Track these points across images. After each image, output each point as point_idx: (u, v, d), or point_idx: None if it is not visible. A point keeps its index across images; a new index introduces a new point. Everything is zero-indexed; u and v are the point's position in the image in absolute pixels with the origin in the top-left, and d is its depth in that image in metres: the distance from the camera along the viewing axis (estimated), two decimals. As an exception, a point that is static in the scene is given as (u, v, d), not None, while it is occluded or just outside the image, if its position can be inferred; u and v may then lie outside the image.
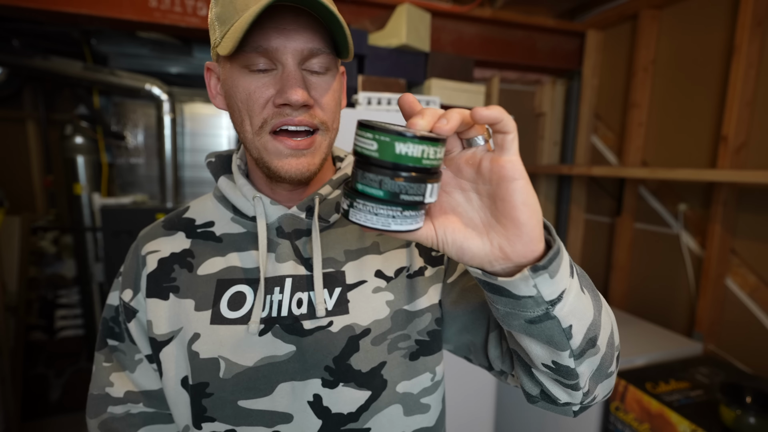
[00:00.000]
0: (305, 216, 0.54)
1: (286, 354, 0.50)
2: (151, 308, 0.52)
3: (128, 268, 0.56)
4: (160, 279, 0.53)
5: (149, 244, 0.56)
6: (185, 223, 0.57)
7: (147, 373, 0.55)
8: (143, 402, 0.55)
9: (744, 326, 1.51)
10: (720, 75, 1.59)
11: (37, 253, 2.16)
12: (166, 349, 0.52)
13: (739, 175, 1.34)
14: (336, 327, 0.51)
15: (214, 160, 0.58)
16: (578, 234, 2.29)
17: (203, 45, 2.08)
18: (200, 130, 2.27)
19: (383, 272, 0.55)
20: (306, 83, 0.47)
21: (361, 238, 0.56)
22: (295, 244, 0.53)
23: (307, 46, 0.46)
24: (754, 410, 1.07)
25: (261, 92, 0.46)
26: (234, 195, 0.54)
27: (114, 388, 0.54)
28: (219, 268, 0.53)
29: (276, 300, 0.51)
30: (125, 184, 2.21)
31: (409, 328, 0.54)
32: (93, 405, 0.55)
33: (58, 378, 2.25)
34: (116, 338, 0.56)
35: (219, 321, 0.50)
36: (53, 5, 1.47)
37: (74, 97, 2.11)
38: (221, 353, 0.50)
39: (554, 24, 2.07)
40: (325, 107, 0.49)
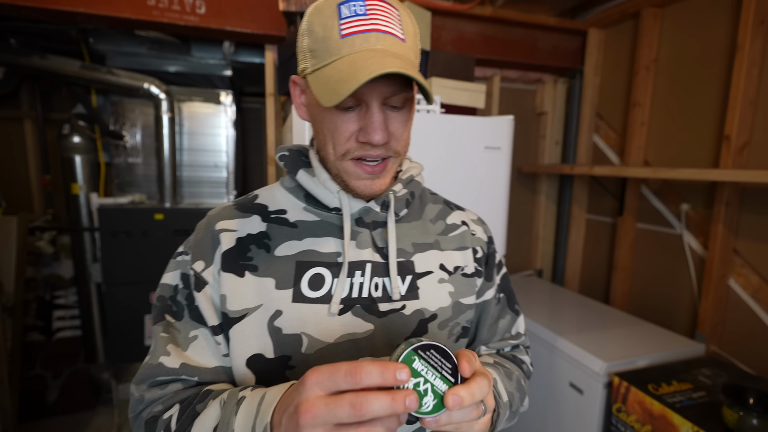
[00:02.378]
0: (380, 209, 0.60)
1: (366, 332, 0.55)
2: (226, 283, 0.55)
3: (199, 242, 0.58)
4: (237, 257, 0.56)
5: (223, 222, 0.59)
6: (259, 208, 0.61)
7: (201, 350, 0.56)
8: (198, 376, 0.55)
9: (747, 327, 1.50)
10: (722, 74, 1.58)
11: (35, 254, 2.15)
12: (237, 326, 0.54)
13: (741, 174, 1.34)
14: (408, 310, 0.58)
15: (288, 154, 0.63)
16: (580, 234, 2.28)
17: (201, 44, 2.07)
18: (198, 130, 2.26)
19: (445, 266, 0.62)
20: (385, 118, 0.52)
21: (425, 234, 0.63)
22: (372, 233, 0.59)
23: (389, 89, 0.50)
24: (757, 412, 1.06)
25: (346, 127, 0.52)
26: (316, 188, 0.58)
27: (170, 358, 0.55)
28: (297, 251, 0.57)
29: (357, 282, 0.56)
30: (123, 183, 2.20)
31: (461, 317, 0.63)
32: (145, 372, 0.55)
33: (55, 379, 2.24)
34: (173, 316, 0.58)
35: (301, 299, 0.55)
36: (51, 4, 1.46)
37: (72, 96, 2.10)
38: (304, 329, 0.54)
39: (555, 22, 2.06)
40: (399, 138, 0.54)
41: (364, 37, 0.48)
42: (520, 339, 0.73)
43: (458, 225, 0.67)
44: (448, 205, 0.71)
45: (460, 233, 0.66)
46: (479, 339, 0.70)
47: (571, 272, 2.33)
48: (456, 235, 0.66)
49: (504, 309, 0.72)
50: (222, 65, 2.15)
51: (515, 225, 2.41)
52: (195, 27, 1.63)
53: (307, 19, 0.52)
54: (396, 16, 0.51)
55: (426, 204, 0.67)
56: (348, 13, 0.49)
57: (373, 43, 0.48)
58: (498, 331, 0.71)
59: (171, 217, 2.04)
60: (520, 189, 2.43)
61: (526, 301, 1.96)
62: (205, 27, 1.63)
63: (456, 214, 0.69)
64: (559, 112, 2.37)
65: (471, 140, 1.35)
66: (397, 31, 0.50)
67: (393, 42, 0.49)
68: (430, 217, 0.66)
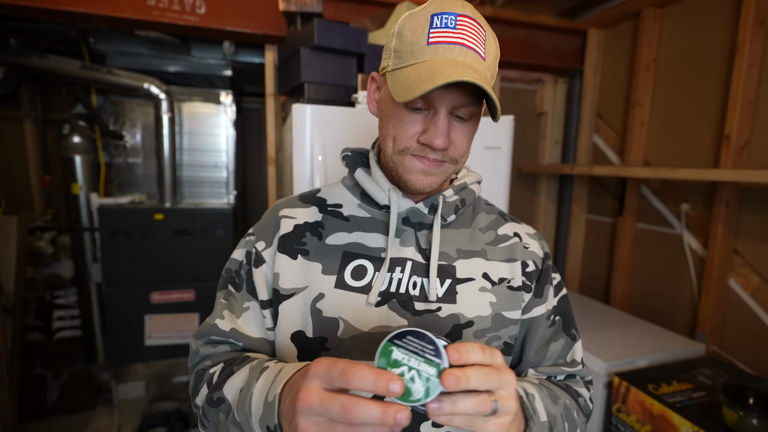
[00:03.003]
0: (428, 212, 0.62)
1: (399, 327, 0.56)
2: (280, 263, 0.61)
3: (264, 226, 0.65)
4: (292, 241, 0.62)
5: (286, 209, 0.65)
6: (318, 201, 0.66)
7: (250, 321, 0.62)
8: (243, 342, 0.62)
9: (747, 327, 1.50)
10: (722, 74, 1.58)
11: (35, 254, 2.15)
12: (286, 303, 0.59)
13: (741, 174, 1.34)
14: (444, 313, 0.58)
15: (350, 155, 0.67)
16: (580, 234, 2.28)
17: (202, 44, 2.07)
18: (198, 130, 2.26)
19: (489, 276, 0.62)
20: (450, 127, 0.54)
21: (472, 242, 0.64)
22: (417, 234, 0.62)
23: (459, 100, 0.53)
24: (757, 412, 1.06)
25: (412, 126, 0.55)
26: (370, 185, 0.62)
27: (224, 321, 0.62)
28: (345, 242, 0.61)
29: (396, 278, 0.58)
30: (123, 183, 2.20)
31: (502, 331, 0.61)
32: (202, 329, 0.63)
33: (55, 379, 2.24)
34: (235, 287, 0.64)
35: (342, 286, 0.58)
36: (51, 3, 1.46)
37: (72, 96, 2.10)
38: (342, 315, 0.57)
39: (555, 22, 2.06)
40: (459, 148, 0.56)
41: (448, 48, 0.51)
42: (577, 367, 0.65)
43: (510, 236, 0.66)
44: (503, 216, 0.70)
45: (510, 245, 0.65)
46: (526, 360, 0.64)
47: (571, 272, 2.33)
48: (506, 246, 0.64)
49: (558, 332, 0.65)
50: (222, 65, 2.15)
51: (515, 225, 2.41)
52: (195, 27, 1.63)
53: (400, 23, 0.55)
54: (482, 36, 0.53)
55: (479, 213, 0.68)
56: (439, 23, 0.52)
57: (455, 54, 0.51)
58: (549, 355, 0.64)
59: (171, 217, 2.04)
60: (520, 189, 2.43)
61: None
62: (205, 27, 1.63)
63: (509, 226, 0.68)
64: (559, 112, 2.37)
65: (471, 140, 1.35)
66: (480, 49, 0.52)
67: (474, 58, 0.52)
68: (481, 226, 0.66)
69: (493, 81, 0.56)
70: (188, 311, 2.10)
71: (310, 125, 1.20)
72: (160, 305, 2.05)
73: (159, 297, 2.05)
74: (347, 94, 1.39)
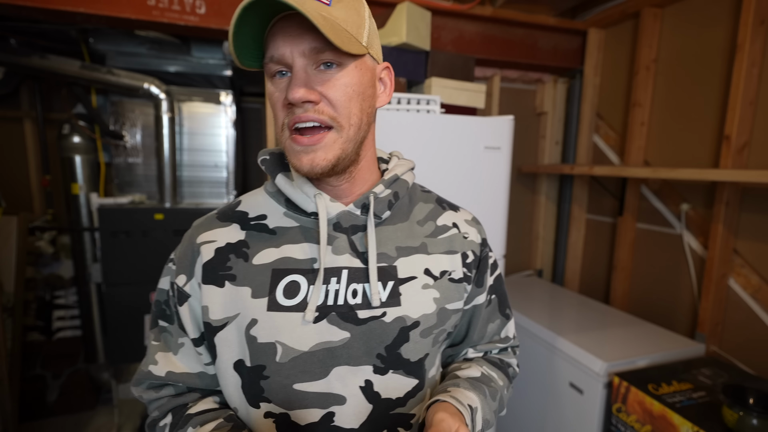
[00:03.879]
0: (360, 212, 0.58)
1: (341, 340, 0.54)
2: (207, 294, 0.56)
3: (182, 255, 0.59)
4: (216, 267, 0.56)
5: (204, 234, 0.59)
6: (239, 216, 0.60)
7: (188, 357, 0.59)
8: (182, 382, 0.59)
9: (747, 327, 1.50)
10: (723, 74, 1.58)
11: (35, 254, 2.15)
12: (221, 334, 0.55)
13: (741, 174, 1.34)
14: (389, 317, 0.56)
15: (268, 158, 0.61)
16: (580, 234, 2.28)
17: (202, 44, 2.07)
18: (198, 130, 2.26)
19: (431, 271, 0.60)
20: (313, 80, 0.50)
21: (412, 237, 0.61)
22: (351, 238, 0.57)
23: (309, 46, 0.48)
24: (757, 412, 1.06)
25: (278, 95, 0.51)
26: (294, 192, 0.57)
27: (157, 366, 0.59)
28: (274, 258, 0.56)
29: (332, 289, 0.55)
30: (123, 183, 2.20)
31: (447, 324, 0.61)
32: (138, 377, 0.61)
33: (55, 379, 2.24)
34: (166, 320, 0.60)
35: (275, 308, 0.54)
36: (51, 3, 1.46)
37: (72, 96, 2.10)
38: (278, 338, 0.53)
39: (555, 22, 2.06)
40: (334, 101, 0.50)
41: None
42: (509, 342, 0.72)
43: (449, 227, 0.64)
44: (441, 204, 0.68)
45: (449, 236, 0.64)
46: (468, 341, 0.70)
47: (571, 272, 2.33)
48: (445, 237, 0.63)
49: (494, 312, 0.70)
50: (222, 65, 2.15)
51: (515, 225, 2.41)
52: (195, 27, 1.63)
53: None
54: None
55: (416, 203, 0.65)
56: None
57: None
58: (487, 333, 0.70)
59: (171, 217, 2.04)
60: (520, 189, 2.43)
61: (526, 301, 1.96)
62: (205, 27, 1.63)
63: (448, 215, 0.66)
64: (559, 112, 2.37)
65: (471, 140, 1.35)
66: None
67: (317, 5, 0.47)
68: (419, 218, 0.63)
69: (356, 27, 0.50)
70: (188, 311, 2.10)
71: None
72: (160, 305, 2.05)
73: (159, 297, 2.05)
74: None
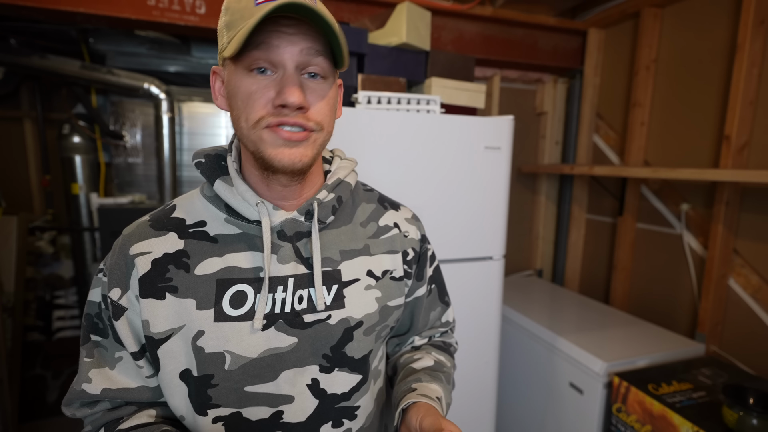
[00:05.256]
0: (305, 219, 0.58)
1: (289, 345, 0.55)
2: (147, 308, 0.53)
3: (114, 267, 0.55)
4: (155, 280, 0.53)
5: (138, 244, 0.55)
6: (176, 223, 0.57)
7: (126, 370, 0.57)
8: (121, 397, 0.56)
9: (747, 327, 1.50)
10: (723, 74, 1.58)
11: (35, 254, 2.15)
12: (164, 346, 0.53)
13: (741, 174, 1.34)
14: (334, 320, 0.57)
15: (204, 161, 0.58)
16: (580, 234, 2.28)
17: (202, 44, 2.07)
18: (198, 130, 2.26)
19: (373, 272, 0.62)
20: (303, 87, 0.50)
21: (354, 240, 0.62)
22: (296, 245, 0.57)
23: (306, 46, 0.49)
24: (757, 412, 1.06)
25: (261, 93, 0.49)
26: (234, 199, 0.55)
27: (92, 384, 0.56)
28: (217, 269, 0.54)
29: (279, 298, 0.55)
30: (123, 183, 2.20)
31: (389, 320, 0.64)
32: (70, 396, 0.57)
33: (55, 379, 2.24)
34: (99, 334, 0.57)
35: (222, 319, 0.53)
36: (51, 4, 1.46)
37: (72, 96, 2.10)
38: (227, 348, 0.53)
39: (555, 22, 2.06)
40: (320, 111, 0.52)
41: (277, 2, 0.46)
42: (449, 326, 0.79)
43: (390, 227, 0.67)
44: (383, 203, 0.69)
45: (391, 236, 0.66)
46: (414, 330, 0.74)
47: (571, 272, 2.33)
48: (387, 238, 0.65)
49: (435, 301, 0.75)
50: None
51: (515, 225, 2.41)
52: (195, 27, 1.63)
53: (225, 3, 0.52)
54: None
55: (358, 205, 0.66)
56: None
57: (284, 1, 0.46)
58: (429, 321, 0.75)
59: (171, 217, 2.03)
60: (520, 189, 2.43)
61: (526, 301, 1.96)
62: (205, 27, 1.63)
63: (389, 215, 0.68)
64: (559, 112, 2.37)
65: (471, 140, 1.35)
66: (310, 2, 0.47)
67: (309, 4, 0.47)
68: (361, 220, 0.64)
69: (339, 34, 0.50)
70: (188, 311, 2.10)
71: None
72: (160, 305, 2.05)
73: (159, 297, 2.05)
74: (347, 95, 1.39)
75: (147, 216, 0.59)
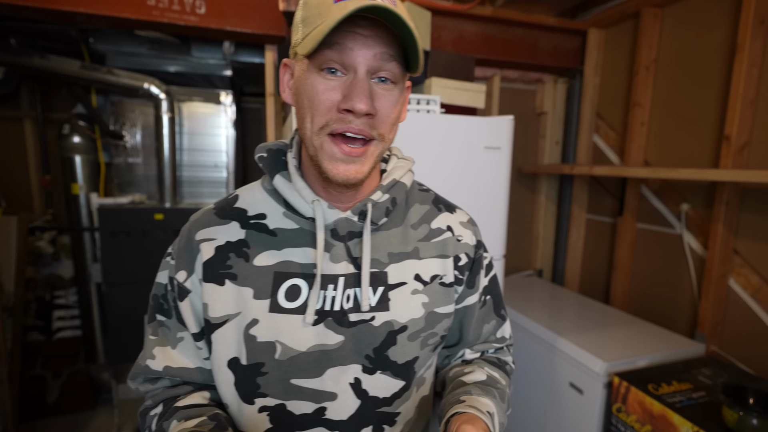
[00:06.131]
0: (358, 219, 0.58)
1: (336, 343, 0.56)
2: (208, 292, 0.56)
3: (181, 251, 0.59)
4: (216, 266, 0.56)
5: (203, 231, 0.58)
6: (238, 213, 0.59)
7: (186, 351, 0.60)
8: (180, 377, 0.59)
9: (747, 327, 1.50)
10: (723, 74, 1.58)
11: (35, 254, 2.15)
12: (218, 331, 0.56)
13: (741, 174, 1.34)
14: (377, 321, 0.57)
15: (266, 155, 0.60)
16: (580, 234, 2.28)
17: (202, 44, 2.07)
18: (198, 130, 2.26)
19: (421, 276, 0.61)
20: (372, 93, 0.49)
21: (404, 243, 0.62)
22: (347, 245, 0.58)
23: (380, 50, 0.48)
24: (757, 412, 1.06)
25: (328, 94, 0.49)
26: (292, 195, 0.57)
27: (155, 361, 0.59)
28: (275, 261, 0.57)
29: (330, 296, 0.56)
30: (123, 183, 2.20)
31: (437, 327, 0.62)
32: (135, 371, 0.61)
33: (55, 379, 2.24)
34: (164, 314, 0.60)
35: (277, 310, 0.55)
36: (51, 4, 1.46)
37: (72, 96, 2.10)
38: (278, 338, 0.55)
39: (555, 22, 2.06)
40: (385, 119, 0.51)
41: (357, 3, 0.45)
42: (505, 342, 0.73)
43: (443, 230, 0.65)
44: (437, 205, 0.67)
45: (442, 240, 0.64)
46: (464, 342, 0.70)
47: (571, 272, 2.33)
48: (438, 241, 0.63)
49: (489, 313, 0.71)
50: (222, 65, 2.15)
51: (515, 225, 2.41)
52: (195, 27, 1.63)
53: None
54: None
55: (411, 205, 0.65)
56: None
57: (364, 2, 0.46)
58: (482, 334, 0.70)
59: (171, 217, 2.04)
60: (520, 189, 2.43)
61: (526, 301, 1.96)
62: (205, 27, 1.63)
63: (443, 218, 0.66)
64: (559, 112, 2.37)
65: (471, 140, 1.35)
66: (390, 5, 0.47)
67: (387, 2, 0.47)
68: (413, 222, 0.63)
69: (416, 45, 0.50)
70: (188, 311, 2.10)
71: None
72: (160, 305, 2.06)
73: (159, 297, 2.05)
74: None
75: (212, 204, 0.62)
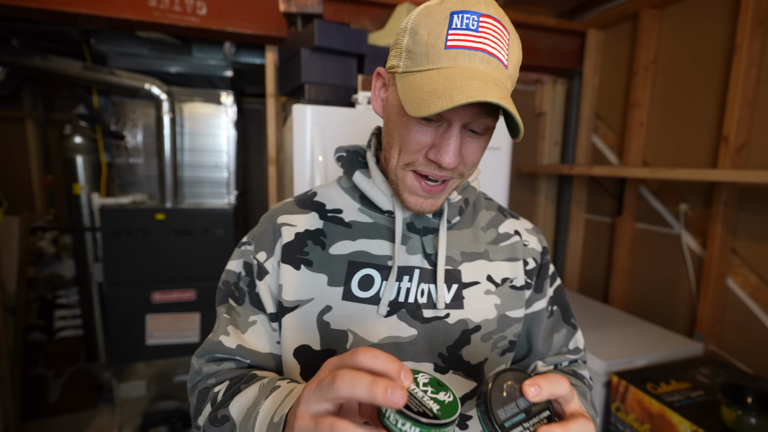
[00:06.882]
0: (433, 216, 0.60)
1: (409, 336, 0.56)
2: (284, 274, 0.58)
3: (261, 234, 0.61)
4: (294, 250, 0.58)
5: (284, 216, 0.61)
6: (317, 206, 0.62)
7: (258, 335, 0.60)
8: (251, 359, 0.59)
9: (745, 326, 1.50)
10: (721, 74, 1.58)
11: (36, 254, 2.15)
12: (289, 316, 0.57)
13: (740, 175, 1.34)
14: (452, 319, 0.57)
15: (345, 155, 0.63)
16: (579, 234, 2.29)
17: (202, 45, 2.07)
18: (199, 130, 2.26)
19: (493, 278, 0.61)
20: (461, 142, 0.50)
21: (475, 243, 0.62)
22: (422, 239, 0.59)
23: (475, 114, 0.48)
24: (755, 411, 1.06)
25: (419, 138, 0.50)
26: (371, 190, 0.59)
27: (229, 338, 0.59)
28: (350, 251, 0.58)
29: (404, 287, 0.57)
30: (124, 183, 2.21)
31: (507, 331, 0.61)
32: (205, 347, 0.60)
33: (57, 378, 2.24)
34: (236, 300, 0.61)
35: (350, 298, 0.56)
36: (52, 4, 1.46)
37: (73, 96, 2.10)
38: (351, 327, 0.55)
39: (555, 23, 2.07)
40: (469, 163, 0.52)
41: (469, 54, 0.45)
42: (579, 354, 0.69)
43: (510, 234, 0.65)
44: (502, 212, 0.69)
45: (511, 243, 0.64)
46: (535, 353, 0.67)
47: (570, 272, 2.33)
48: (507, 245, 0.64)
49: (558, 322, 0.69)
50: (223, 66, 2.16)
51: (515, 225, 2.41)
52: (196, 28, 1.63)
53: (415, 18, 0.49)
54: (506, 40, 0.47)
55: (479, 210, 0.66)
56: (459, 24, 0.45)
57: (476, 63, 0.45)
58: (553, 345, 0.67)
59: (172, 217, 2.04)
60: (520, 189, 2.44)
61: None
62: (206, 28, 1.64)
63: (509, 223, 0.67)
64: (558, 113, 2.38)
65: (470, 141, 1.36)
66: (503, 56, 0.47)
67: (496, 66, 0.46)
68: (482, 225, 0.65)
69: (512, 88, 0.51)
70: (189, 311, 2.11)
71: (311, 126, 1.21)
72: (161, 305, 2.06)
73: (160, 297, 2.06)
74: (347, 95, 1.40)
75: (292, 197, 0.66)
